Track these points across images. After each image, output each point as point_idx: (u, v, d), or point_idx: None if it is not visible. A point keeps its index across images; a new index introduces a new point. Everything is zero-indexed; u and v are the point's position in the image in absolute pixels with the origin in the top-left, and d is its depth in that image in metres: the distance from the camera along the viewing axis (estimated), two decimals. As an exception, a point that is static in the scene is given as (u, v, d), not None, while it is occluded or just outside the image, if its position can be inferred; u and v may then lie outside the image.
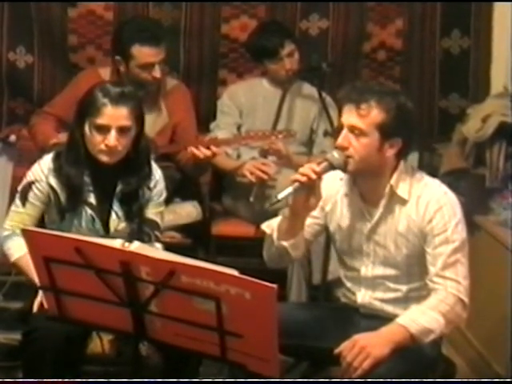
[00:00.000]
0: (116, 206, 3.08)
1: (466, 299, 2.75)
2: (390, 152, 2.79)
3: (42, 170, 3.06)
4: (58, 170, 3.05)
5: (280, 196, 2.74)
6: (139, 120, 3.03)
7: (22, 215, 3.06)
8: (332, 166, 2.79)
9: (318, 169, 2.77)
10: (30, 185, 3.06)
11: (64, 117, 3.99)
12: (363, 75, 4.64)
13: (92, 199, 3.07)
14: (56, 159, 3.07)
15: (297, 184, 2.75)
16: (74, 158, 3.04)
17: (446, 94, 4.71)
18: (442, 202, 2.79)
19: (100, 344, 3.03)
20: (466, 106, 4.46)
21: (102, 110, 2.95)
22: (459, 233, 2.78)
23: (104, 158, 3.00)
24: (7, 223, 3.10)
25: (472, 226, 3.26)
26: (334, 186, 2.93)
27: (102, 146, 2.97)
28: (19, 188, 3.10)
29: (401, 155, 2.83)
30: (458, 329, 3.18)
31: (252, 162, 4.12)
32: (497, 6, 4.54)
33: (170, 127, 4.17)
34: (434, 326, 2.70)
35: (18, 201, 3.08)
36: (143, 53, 3.96)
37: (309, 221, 2.91)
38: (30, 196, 3.05)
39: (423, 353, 2.75)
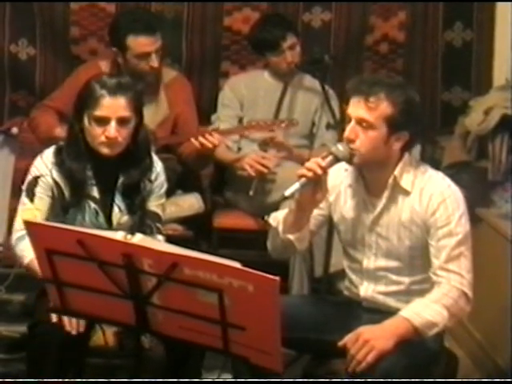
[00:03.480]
0: (118, 200, 3.06)
1: (469, 293, 2.75)
2: (397, 145, 2.79)
3: (46, 165, 3.02)
4: (60, 165, 3.01)
5: (287, 193, 2.73)
6: (138, 111, 3.00)
7: (32, 211, 2.97)
8: (337, 159, 2.78)
9: (323, 163, 2.76)
10: (36, 179, 3.00)
11: (64, 110, 3.97)
12: (366, 68, 4.64)
13: (95, 193, 3.04)
14: (57, 154, 3.03)
15: (303, 180, 2.74)
16: (75, 153, 3.00)
17: (448, 87, 4.71)
18: (445, 194, 2.78)
19: (103, 336, 3.02)
20: (469, 99, 4.47)
21: (100, 102, 2.92)
22: (463, 226, 2.77)
23: (105, 151, 2.97)
24: (18, 223, 2.98)
25: (474, 219, 3.24)
26: (339, 176, 2.93)
27: (103, 138, 2.94)
28: (24, 186, 3.03)
29: (406, 148, 2.83)
30: (459, 321, 3.17)
31: (252, 156, 4.09)
32: (499, -2, 4.54)
33: (170, 119, 4.16)
34: (438, 319, 2.70)
35: (24, 199, 3.00)
36: (139, 43, 3.97)
37: (313, 212, 2.90)
38: (38, 191, 2.99)
39: (426, 346, 2.75)
